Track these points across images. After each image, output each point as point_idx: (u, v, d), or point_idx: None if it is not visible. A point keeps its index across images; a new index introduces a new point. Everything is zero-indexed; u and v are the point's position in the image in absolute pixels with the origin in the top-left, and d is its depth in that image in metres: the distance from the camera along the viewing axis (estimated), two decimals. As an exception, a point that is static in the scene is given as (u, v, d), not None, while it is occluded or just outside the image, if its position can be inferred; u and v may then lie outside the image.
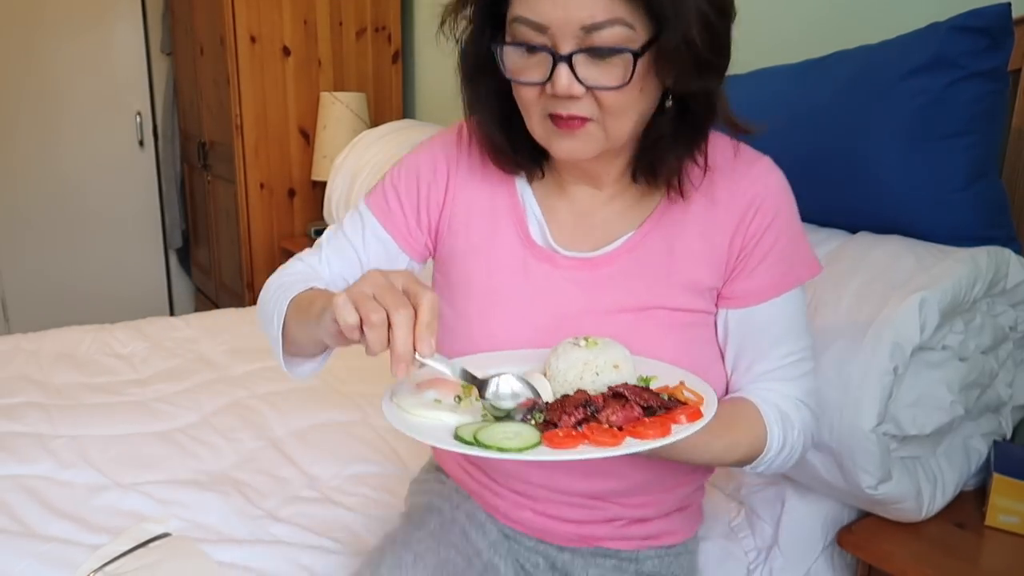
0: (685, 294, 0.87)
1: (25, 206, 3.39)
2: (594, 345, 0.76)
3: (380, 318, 0.65)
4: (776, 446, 0.86)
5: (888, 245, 1.12)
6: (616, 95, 0.76)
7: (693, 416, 0.70)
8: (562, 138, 0.79)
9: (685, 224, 0.87)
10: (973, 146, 1.08)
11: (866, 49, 1.19)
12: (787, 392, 0.89)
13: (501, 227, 0.91)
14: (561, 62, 0.74)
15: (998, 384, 1.16)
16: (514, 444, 0.66)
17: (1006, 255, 1.09)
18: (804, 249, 0.89)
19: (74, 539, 1.14)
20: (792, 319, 0.88)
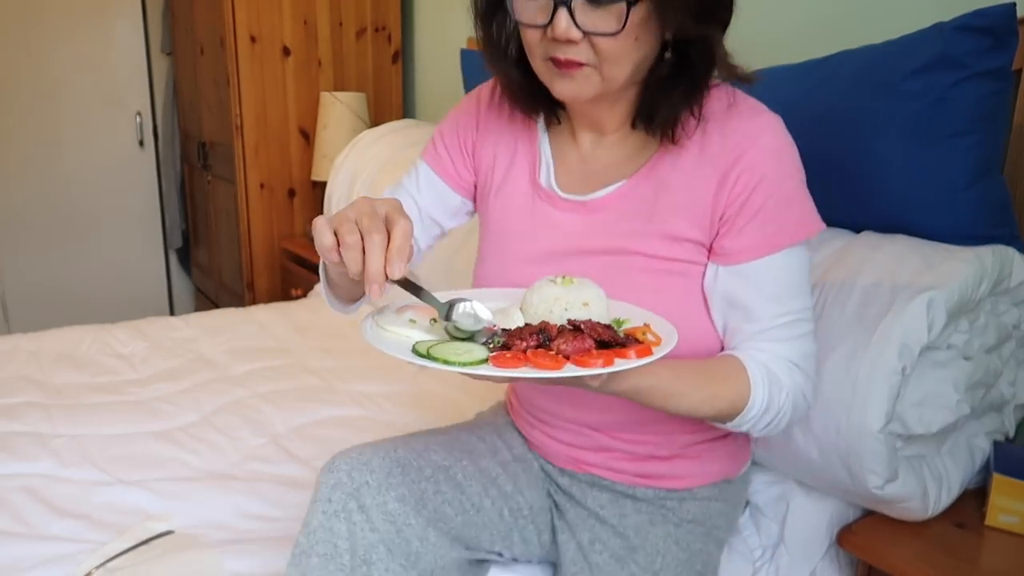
0: (663, 242, 0.89)
1: (25, 206, 3.39)
2: (569, 283, 0.80)
3: (354, 240, 0.70)
4: (760, 405, 0.86)
5: (893, 245, 1.12)
6: (611, 42, 0.80)
7: (642, 353, 0.72)
8: (562, 79, 0.85)
9: (672, 176, 0.90)
10: (977, 145, 1.08)
11: (870, 49, 1.19)
12: (779, 353, 0.89)
13: (517, 170, 1.00)
14: (561, 6, 0.79)
15: (1001, 383, 1.16)
16: (462, 359, 0.70)
17: (1010, 254, 1.09)
18: (800, 208, 0.88)
19: (76, 537, 1.15)
20: (786, 278, 0.88)
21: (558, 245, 0.94)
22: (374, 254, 0.69)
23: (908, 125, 1.09)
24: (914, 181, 1.11)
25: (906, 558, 1.00)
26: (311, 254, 2.58)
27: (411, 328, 0.79)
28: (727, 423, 0.89)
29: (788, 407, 0.89)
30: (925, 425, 1.04)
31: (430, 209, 1.06)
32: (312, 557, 0.91)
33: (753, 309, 0.88)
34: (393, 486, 0.93)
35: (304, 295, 2.50)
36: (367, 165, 2.18)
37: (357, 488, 0.91)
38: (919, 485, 1.05)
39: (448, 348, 0.73)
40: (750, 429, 0.90)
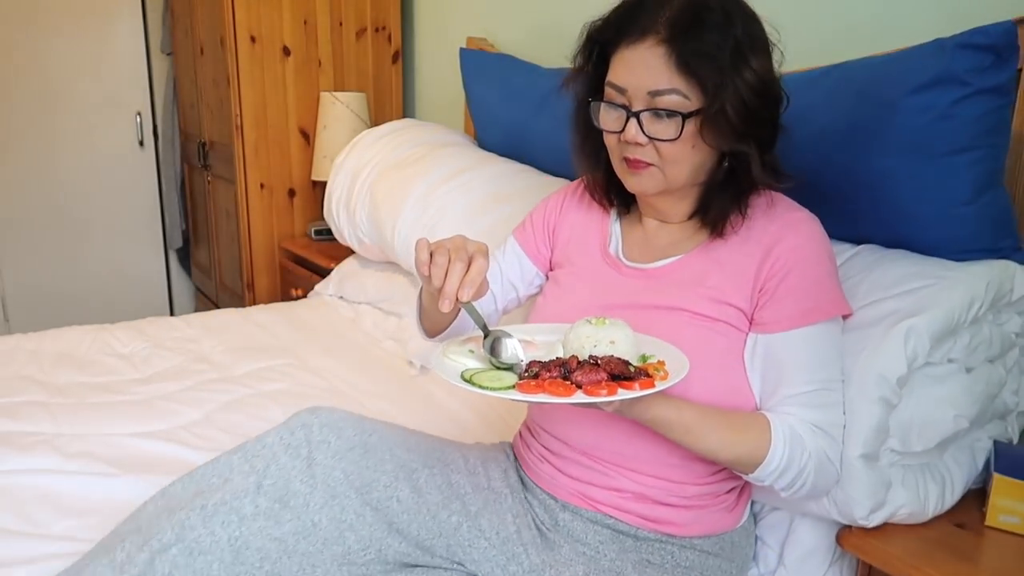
0: (709, 304, 1.03)
1: (25, 206, 3.39)
2: (602, 324, 0.93)
3: (443, 261, 0.89)
4: (779, 459, 0.95)
5: (888, 264, 1.13)
6: (670, 146, 0.99)
7: (645, 385, 0.85)
8: (632, 176, 1.04)
9: (722, 253, 1.05)
10: (980, 160, 1.09)
11: (872, 62, 1.19)
12: (805, 417, 0.98)
13: (590, 247, 1.17)
14: (632, 117, 0.99)
15: (1005, 391, 1.16)
16: (494, 385, 0.87)
17: (1011, 269, 1.10)
18: (830, 290, 1.01)
19: (79, 536, 1.15)
20: (816, 351, 0.99)
21: (618, 300, 1.08)
22: (453, 276, 0.88)
23: (910, 142, 1.10)
24: (916, 196, 1.12)
25: (906, 558, 1.00)
26: (311, 254, 2.58)
27: (468, 357, 0.96)
28: (749, 474, 0.98)
29: (811, 468, 0.96)
30: (924, 441, 1.05)
31: (510, 274, 1.25)
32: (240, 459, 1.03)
33: (785, 376, 0.99)
34: (349, 460, 1.01)
35: (304, 295, 2.51)
36: (367, 165, 2.18)
37: (318, 442, 1.01)
38: (911, 497, 1.05)
39: (486, 376, 0.89)
40: (773, 484, 0.98)
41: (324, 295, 2.33)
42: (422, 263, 0.90)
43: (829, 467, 0.98)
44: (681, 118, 0.96)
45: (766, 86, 0.97)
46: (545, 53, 2.21)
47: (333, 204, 2.26)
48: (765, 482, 0.97)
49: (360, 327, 2.10)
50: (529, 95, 1.98)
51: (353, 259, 2.34)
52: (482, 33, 2.45)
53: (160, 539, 0.92)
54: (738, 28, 0.95)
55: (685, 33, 0.94)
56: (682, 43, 0.94)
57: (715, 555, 1.08)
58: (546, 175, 1.90)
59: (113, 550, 0.94)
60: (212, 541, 0.92)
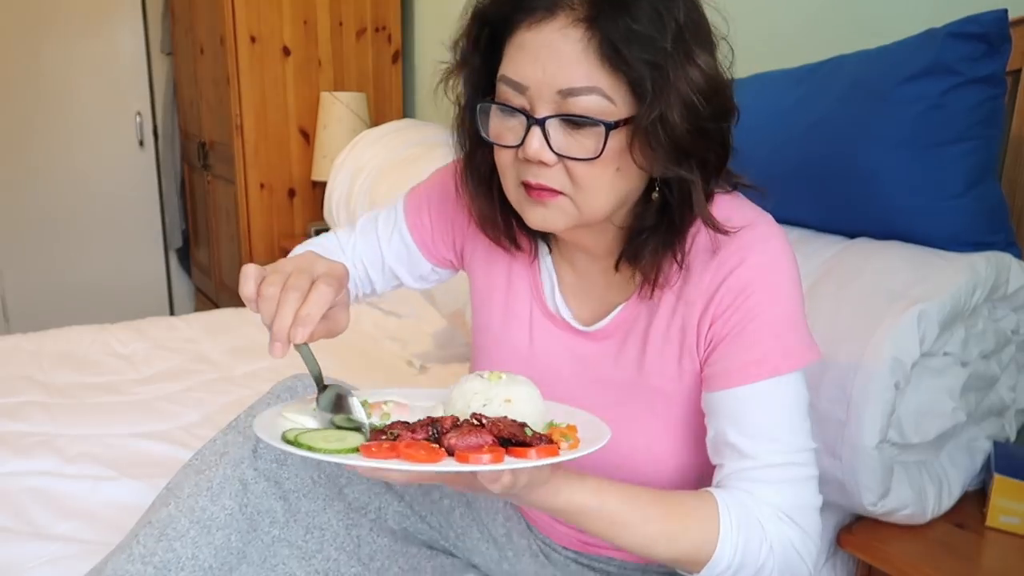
0: (655, 376, 0.84)
1: (25, 206, 3.39)
2: (497, 379, 0.73)
3: (272, 292, 0.69)
4: (729, 555, 0.74)
5: (885, 253, 1.12)
6: (587, 168, 0.73)
7: (545, 453, 0.63)
8: (534, 206, 0.77)
9: (660, 309, 0.84)
10: (972, 152, 1.08)
11: (864, 55, 1.19)
12: (768, 499, 0.77)
13: (516, 278, 0.94)
14: (535, 125, 0.72)
15: (1001, 388, 1.16)
16: (323, 446, 0.65)
17: (1006, 260, 1.09)
18: (792, 334, 0.78)
19: (79, 537, 1.15)
20: (775, 413, 0.78)
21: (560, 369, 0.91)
22: (284, 313, 0.68)
23: (902, 132, 1.09)
24: (909, 188, 1.11)
25: (906, 558, 1.00)
26: (311, 254, 2.57)
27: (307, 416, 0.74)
28: (695, 574, 0.76)
29: (773, 565, 0.75)
30: (922, 434, 1.04)
31: (393, 262, 1.00)
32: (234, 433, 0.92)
33: (739, 444, 0.78)
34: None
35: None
36: (367, 165, 2.18)
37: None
38: (914, 492, 1.04)
39: (319, 435, 0.68)
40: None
41: (324, 295, 2.33)
42: (247, 299, 0.71)
43: (797, 563, 0.76)
44: (604, 129, 0.71)
45: (715, 90, 0.73)
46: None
47: (333, 204, 2.25)
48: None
49: (360, 327, 2.10)
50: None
51: (353, 259, 2.33)
52: (482, 33, 2.44)
53: (175, 527, 0.88)
54: (679, 10, 0.70)
55: (613, 10, 0.69)
56: (608, 23, 0.69)
57: None
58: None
59: (130, 546, 0.91)
60: (225, 515, 0.89)
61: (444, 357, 1.80)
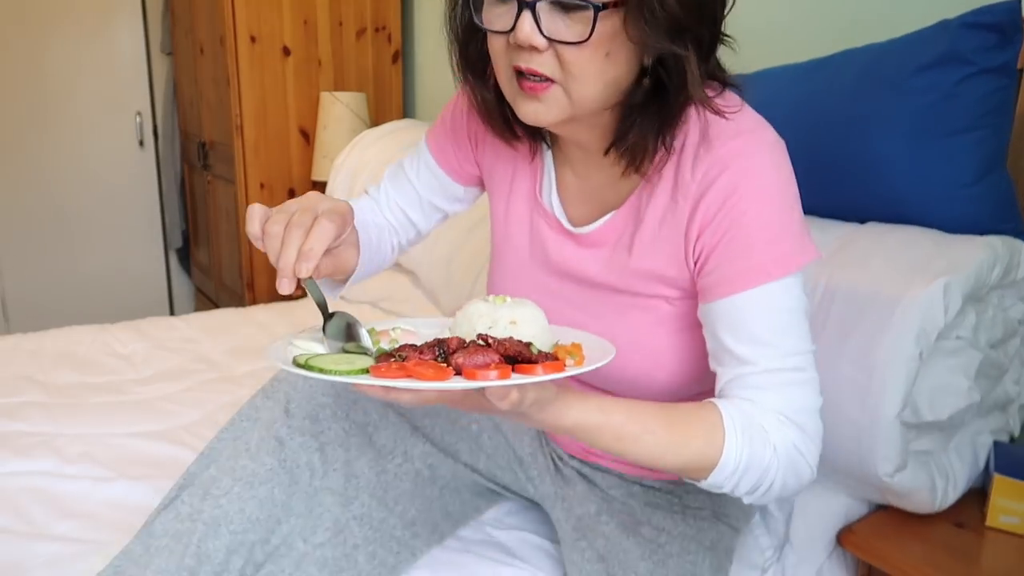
0: (643, 281, 0.86)
1: (25, 206, 3.39)
2: (502, 301, 0.74)
3: (276, 230, 0.71)
4: (736, 459, 0.75)
5: (901, 234, 1.12)
6: (577, 53, 0.73)
7: (551, 369, 0.64)
8: (527, 100, 0.78)
9: (648, 216, 0.84)
10: (983, 141, 1.09)
11: (875, 47, 1.19)
12: (770, 404, 0.78)
13: (519, 178, 0.96)
14: (525, 9, 0.72)
15: (1006, 381, 1.16)
16: (335, 368, 0.66)
17: (1018, 245, 1.10)
18: (787, 238, 0.78)
19: (79, 537, 1.14)
20: (773, 318, 0.78)
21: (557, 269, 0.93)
22: (288, 249, 0.70)
23: (914, 122, 1.09)
24: (920, 177, 1.12)
25: (907, 558, 1.00)
26: (311, 254, 2.57)
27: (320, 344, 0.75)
28: (701, 480, 0.78)
29: (778, 467, 0.77)
30: (936, 412, 1.03)
31: (430, 195, 1.04)
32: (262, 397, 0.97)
33: (737, 352, 0.79)
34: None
35: (304, 295, 2.50)
36: (367, 165, 2.18)
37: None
38: (928, 478, 1.04)
39: (330, 359, 0.69)
40: (733, 490, 0.78)
41: (324, 295, 2.33)
42: (253, 237, 0.72)
43: (800, 463, 0.78)
44: (593, 11, 0.71)
45: None
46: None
47: (333, 204, 2.25)
48: (723, 488, 0.78)
49: (360, 327, 2.10)
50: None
51: (353, 259, 2.33)
52: (482, 33, 2.44)
53: (219, 485, 0.91)
54: None
55: None
56: None
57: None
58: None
59: (175, 506, 0.93)
60: (266, 470, 0.91)
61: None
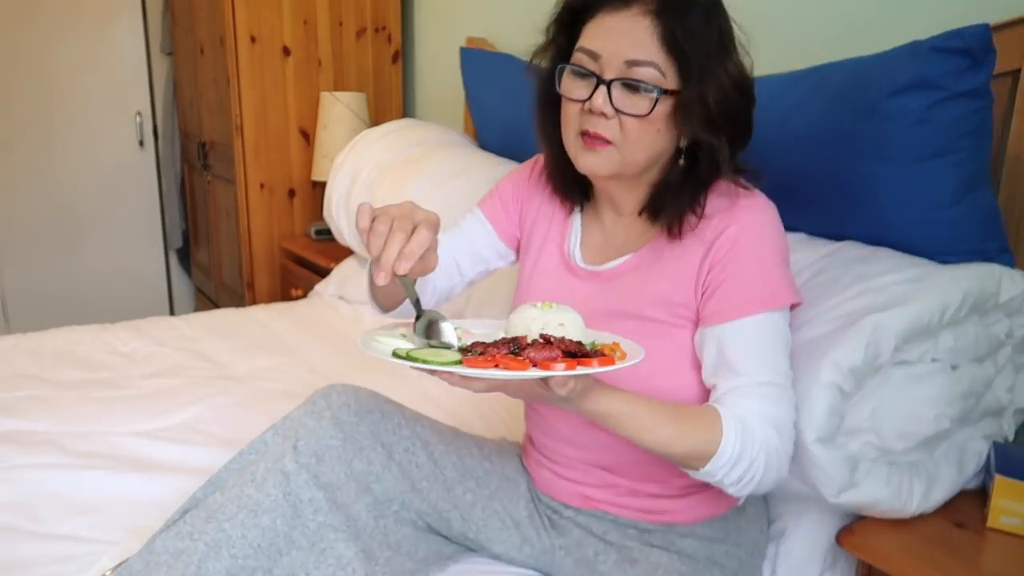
0: (654, 307, 1.01)
1: (25, 206, 3.39)
2: (548, 307, 0.88)
3: (383, 229, 0.84)
4: (730, 452, 0.90)
5: (870, 261, 1.13)
6: (636, 124, 0.94)
7: (605, 363, 0.79)
8: (587, 153, 0.98)
9: (666, 255, 1.02)
10: (959, 164, 1.09)
11: (849, 65, 1.19)
12: (754, 409, 0.93)
13: (551, 239, 1.14)
14: (602, 84, 0.93)
15: (998, 389, 1.16)
16: (435, 359, 0.79)
17: (995, 273, 1.10)
18: (777, 279, 0.96)
19: (86, 534, 1.15)
20: (758, 344, 0.95)
21: (574, 305, 1.01)
22: (392, 246, 0.83)
23: (888, 146, 1.10)
24: (898, 200, 1.12)
25: (907, 558, 1.00)
26: (311, 254, 2.58)
27: (400, 340, 0.88)
28: (699, 469, 0.92)
29: (761, 462, 0.92)
30: (905, 441, 1.05)
31: (480, 248, 1.20)
32: (272, 433, 1.07)
33: (729, 368, 0.95)
34: (370, 420, 1.05)
35: (304, 295, 2.50)
36: (368, 165, 2.18)
37: (339, 405, 1.04)
38: (890, 489, 1.04)
39: (426, 352, 0.82)
40: (723, 480, 0.92)
41: (324, 295, 2.33)
42: (361, 230, 0.85)
43: (775, 462, 0.93)
44: (656, 94, 0.91)
45: (745, 82, 0.96)
46: (545, 53, 2.21)
47: (333, 204, 2.25)
48: (715, 476, 0.92)
49: (361, 327, 2.10)
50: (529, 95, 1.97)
51: (353, 259, 2.33)
52: (482, 33, 2.44)
53: (223, 510, 0.96)
54: (722, 21, 0.94)
55: (675, 10, 0.91)
56: (671, 19, 0.90)
57: (720, 541, 1.08)
58: (547, 175, 1.90)
59: (177, 526, 0.98)
60: (270, 500, 0.97)
61: (444, 357, 1.80)
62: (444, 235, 1.16)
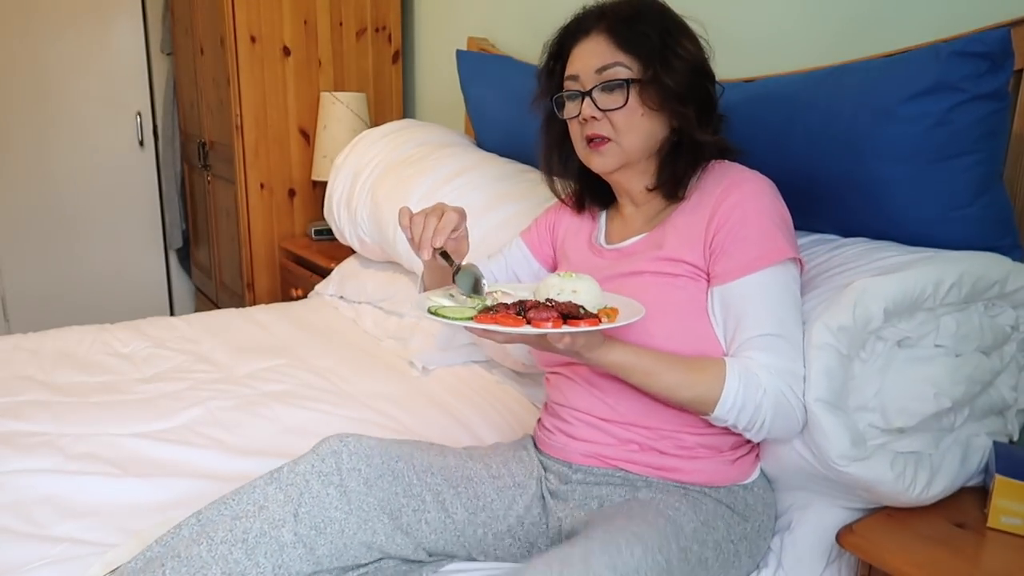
0: (665, 263, 1.13)
1: (25, 206, 3.39)
2: (569, 276, 1.02)
3: (419, 219, 1.07)
4: (734, 396, 1.01)
5: (877, 251, 1.15)
6: (620, 115, 1.12)
7: (590, 323, 0.93)
8: (594, 155, 1.16)
9: (677, 223, 1.15)
10: (978, 164, 1.10)
11: (867, 67, 1.20)
12: (762, 361, 1.03)
13: (581, 240, 1.31)
14: (586, 96, 1.13)
15: (1002, 387, 1.16)
16: (451, 315, 0.96)
17: (1002, 263, 1.10)
18: (775, 238, 1.07)
19: (83, 537, 1.15)
20: (768, 296, 1.05)
21: (597, 274, 1.14)
22: (427, 228, 1.05)
23: (907, 148, 1.11)
24: (915, 201, 1.13)
25: (907, 558, 1.00)
26: (311, 254, 2.58)
27: (446, 299, 1.06)
28: (710, 414, 1.04)
29: (768, 405, 1.02)
30: (904, 419, 1.06)
31: (517, 270, 1.40)
32: (275, 489, 1.05)
33: (741, 323, 1.06)
34: (379, 487, 1.07)
35: (304, 295, 2.50)
36: (368, 165, 2.18)
37: (349, 470, 1.06)
38: (894, 472, 1.05)
39: (450, 309, 0.99)
40: (735, 423, 1.04)
41: (324, 295, 2.33)
42: (404, 227, 1.08)
43: (787, 407, 1.02)
44: (625, 84, 1.10)
45: (697, 63, 1.13)
46: (545, 53, 2.21)
47: (334, 204, 2.25)
48: (727, 421, 1.04)
49: (361, 327, 2.10)
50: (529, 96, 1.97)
51: (353, 259, 2.33)
52: (482, 33, 2.45)
53: (206, 572, 0.95)
54: (669, 21, 1.13)
55: (623, 21, 1.12)
56: (621, 28, 1.11)
57: (728, 506, 1.10)
58: (548, 175, 1.90)
59: (156, 571, 0.96)
60: (258, 571, 0.97)
61: (445, 358, 1.80)
62: (489, 261, 1.41)
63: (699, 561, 1.02)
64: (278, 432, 1.49)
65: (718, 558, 1.05)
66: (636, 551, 0.93)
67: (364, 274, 2.22)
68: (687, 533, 1.02)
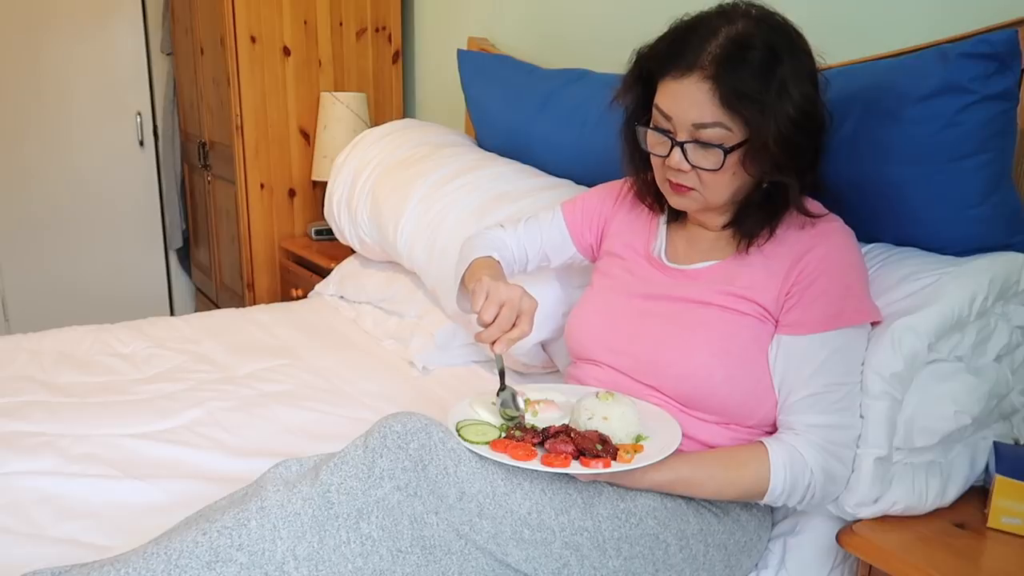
0: (736, 300, 1.09)
1: (25, 206, 3.39)
2: (607, 399, 1.04)
3: (490, 316, 1.05)
4: (782, 486, 1.02)
5: (895, 263, 1.16)
6: (711, 175, 1.05)
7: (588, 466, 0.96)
8: (676, 196, 1.12)
9: (754, 262, 1.11)
10: (988, 163, 1.10)
11: (874, 69, 1.20)
12: (811, 421, 1.03)
13: (637, 245, 1.26)
14: (676, 146, 1.05)
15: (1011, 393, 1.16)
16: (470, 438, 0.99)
17: (1019, 260, 1.11)
18: (857, 297, 1.05)
19: (82, 538, 1.14)
20: (836, 356, 1.03)
21: (655, 293, 1.17)
22: (495, 328, 1.05)
23: (917, 150, 1.11)
24: (925, 202, 1.14)
25: (907, 558, 1.00)
26: (311, 254, 2.58)
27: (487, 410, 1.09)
28: (759, 503, 1.07)
29: (817, 483, 1.02)
30: (926, 438, 1.06)
31: (547, 247, 1.36)
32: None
33: (802, 378, 1.04)
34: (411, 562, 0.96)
35: (304, 295, 2.50)
36: (368, 165, 2.18)
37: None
38: (914, 492, 1.06)
39: (474, 429, 1.02)
40: (787, 504, 1.06)
41: (324, 295, 2.33)
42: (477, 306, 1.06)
43: (835, 475, 1.02)
44: (723, 151, 1.02)
45: (808, 117, 1.02)
46: (546, 54, 2.21)
47: (334, 204, 2.25)
48: (778, 503, 1.05)
49: (361, 327, 2.10)
50: (529, 96, 1.97)
51: (353, 259, 2.33)
52: (483, 33, 2.45)
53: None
54: (783, 64, 0.99)
55: (729, 72, 0.99)
56: (726, 81, 0.99)
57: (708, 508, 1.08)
58: (550, 176, 1.90)
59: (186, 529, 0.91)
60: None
61: (445, 358, 1.80)
62: (524, 227, 1.36)
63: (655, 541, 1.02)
64: (278, 432, 1.49)
65: (681, 550, 1.04)
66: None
67: (364, 274, 2.22)
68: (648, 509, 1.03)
